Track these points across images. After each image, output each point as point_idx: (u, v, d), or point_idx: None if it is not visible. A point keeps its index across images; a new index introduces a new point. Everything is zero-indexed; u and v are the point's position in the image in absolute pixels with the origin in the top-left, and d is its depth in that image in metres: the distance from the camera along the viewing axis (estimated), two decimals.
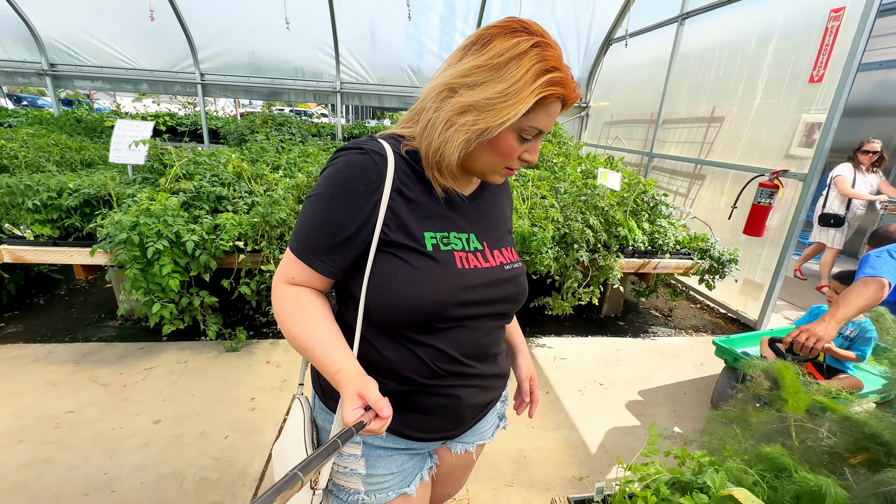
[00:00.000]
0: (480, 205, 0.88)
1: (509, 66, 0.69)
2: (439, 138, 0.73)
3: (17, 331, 2.90)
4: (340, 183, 0.74)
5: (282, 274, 0.80)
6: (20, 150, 3.56)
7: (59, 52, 5.84)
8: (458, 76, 0.71)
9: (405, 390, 0.82)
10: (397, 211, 0.76)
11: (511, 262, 0.88)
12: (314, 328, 0.76)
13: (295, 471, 0.51)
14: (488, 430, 1.03)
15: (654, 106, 5.04)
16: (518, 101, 0.68)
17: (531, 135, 0.75)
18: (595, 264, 2.94)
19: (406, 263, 0.76)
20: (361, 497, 0.86)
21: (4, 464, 1.87)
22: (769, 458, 0.93)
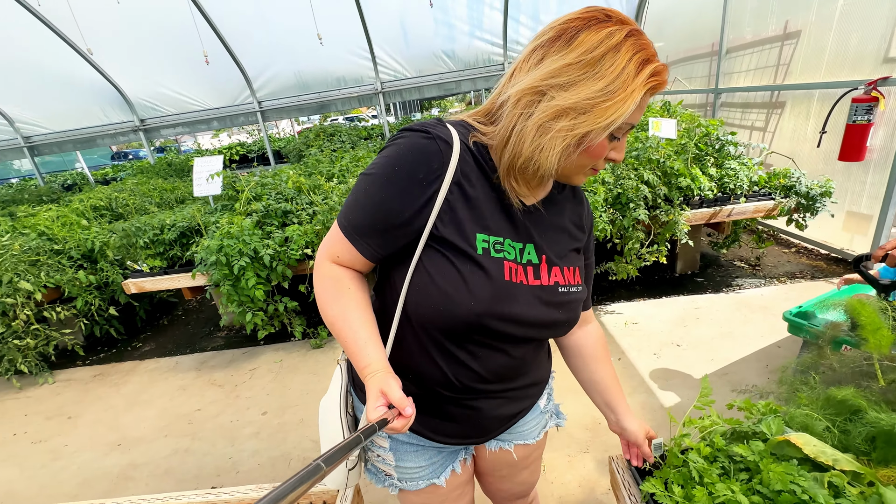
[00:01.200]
0: (545, 217, 0.79)
1: (605, 59, 0.61)
2: (531, 146, 0.65)
3: (151, 348, 3.49)
4: (400, 166, 0.69)
5: (327, 251, 0.77)
6: (129, 198, 4.21)
7: (146, 108, 6.73)
8: (546, 77, 0.63)
9: (426, 395, 0.81)
10: (454, 205, 0.71)
11: (568, 285, 0.79)
12: (350, 315, 0.74)
13: (318, 461, 0.52)
14: (530, 431, 0.98)
15: (714, 35, 4.52)
16: (624, 97, 0.61)
17: (623, 132, 0.68)
18: (657, 221, 2.77)
19: (451, 265, 0.71)
20: (394, 482, 0.91)
21: (157, 453, 2.30)
22: (840, 402, 0.87)
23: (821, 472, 0.77)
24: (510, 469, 1.01)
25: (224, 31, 5.76)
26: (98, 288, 3.25)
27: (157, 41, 5.68)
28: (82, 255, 3.29)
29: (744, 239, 3.73)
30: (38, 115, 6.83)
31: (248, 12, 5.60)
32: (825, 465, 0.77)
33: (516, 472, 1.03)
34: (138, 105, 6.69)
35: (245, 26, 5.77)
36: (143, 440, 2.42)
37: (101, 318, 3.31)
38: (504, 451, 0.97)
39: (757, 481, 0.78)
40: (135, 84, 6.42)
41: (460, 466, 0.94)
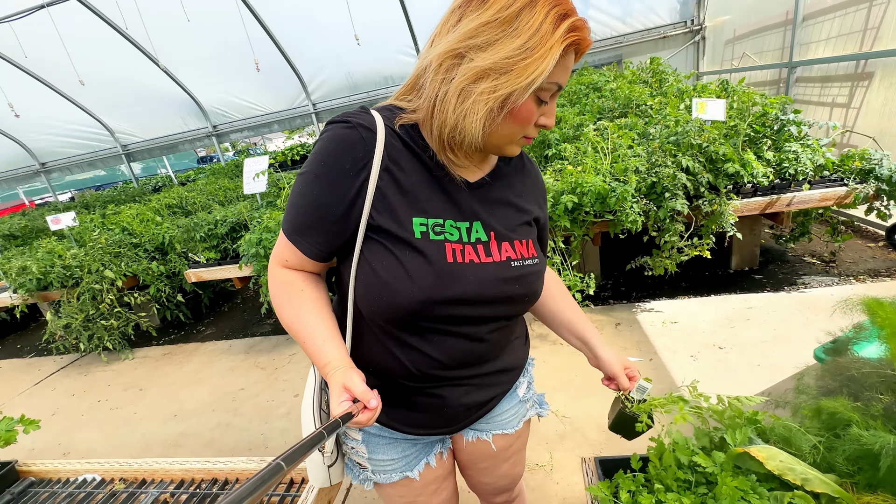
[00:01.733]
0: (492, 191, 0.77)
1: (521, 15, 0.59)
2: (455, 113, 0.63)
3: (212, 332, 3.87)
4: (326, 160, 0.68)
5: (275, 255, 0.77)
6: (197, 197, 4.69)
7: (217, 114, 7.42)
8: (464, 38, 0.61)
9: (389, 387, 0.80)
10: (385, 192, 0.69)
11: (521, 258, 0.76)
12: (306, 316, 0.73)
13: (278, 461, 0.52)
14: (508, 421, 0.95)
15: (788, 2, 4.00)
16: (543, 52, 0.59)
17: (550, 93, 0.66)
18: (699, 212, 2.54)
19: (389, 252, 0.69)
20: (368, 475, 0.89)
21: (204, 426, 2.57)
22: (831, 414, 0.75)
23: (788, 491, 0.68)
24: (491, 461, 0.99)
25: (280, 39, 6.16)
26: (168, 277, 3.67)
27: (222, 52, 6.23)
28: (155, 247, 3.73)
29: (816, 231, 3.29)
30: (131, 125, 7.81)
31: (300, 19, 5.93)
32: (793, 484, 0.67)
33: (497, 465, 1.01)
34: (211, 112, 7.39)
35: (298, 33, 6.13)
36: (194, 413, 2.71)
37: (170, 304, 3.74)
38: (482, 442, 0.94)
39: (711, 496, 0.71)
40: (207, 93, 7.09)
41: (435, 460, 0.93)
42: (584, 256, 3.07)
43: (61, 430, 2.78)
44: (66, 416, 2.94)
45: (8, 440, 1.29)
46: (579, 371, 2.40)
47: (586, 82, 4.41)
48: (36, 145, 8.21)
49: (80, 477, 1.32)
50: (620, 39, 6.02)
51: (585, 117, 3.38)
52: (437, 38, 0.66)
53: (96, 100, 7.14)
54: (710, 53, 5.73)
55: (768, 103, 2.71)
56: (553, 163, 3.01)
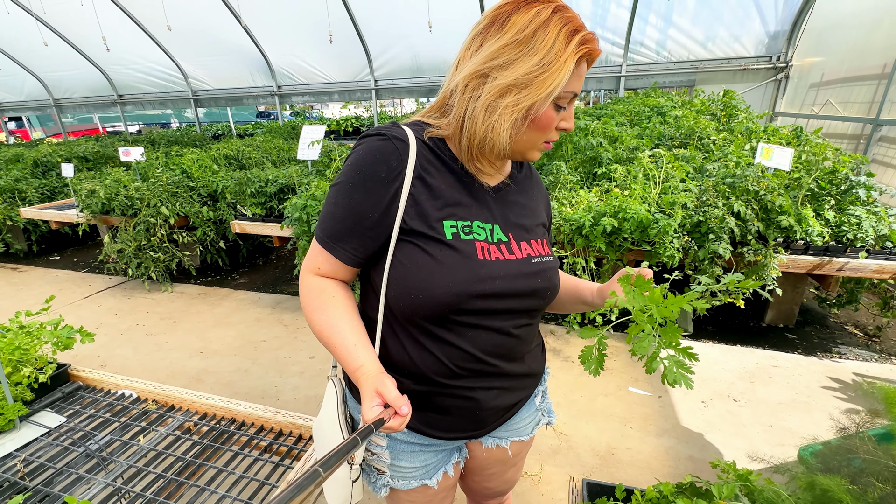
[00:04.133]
0: (508, 196, 0.84)
1: (537, 35, 0.67)
2: (484, 126, 0.70)
3: (245, 282, 4.10)
4: (362, 170, 0.74)
5: (308, 264, 0.80)
6: (253, 153, 4.92)
7: (283, 76, 7.69)
8: (487, 60, 0.69)
9: (423, 390, 0.82)
10: (418, 198, 0.74)
11: (540, 256, 0.83)
12: (337, 322, 0.76)
13: (316, 467, 0.52)
14: (525, 427, 0.98)
15: (888, 55, 3.74)
16: (559, 66, 0.66)
17: (567, 101, 0.73)
18: (742, 259, 2.46)
19: (424, 252, 0.73)
20: (387, 480, 0.91)
21: (225, 367, 2.76)
22: (823, 490, 0.77)
23: None
24: (501, 466, 1.02)
25: (357, 14, 6.29)
26: (215, 223, 3.90)
27: (300, 19, 6.43)
28: (208, 193, 3.97)
29: (865, 302, 3.12)
30: (204, 73, 8.21)
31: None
32: None
33: (505, 470, 1.04)
34: (278, 73, 7.67)
35: (375, 10, 6.23)
36: (218, 353, 2.91)
37: (212, 249, 3.98)
38: (500, 449, 0.97)
39: None
40: (277, 54, 7.36)
41: (453, 469, 0.95)
42: None
43: (101, 344, 3.06)
44: (107, 332, 3.22)
45: (67, 345, 1.46)
46: (585, 392, 2.42)
47: (651, 104, 4.30)
48: (117, 78, 8.79)
49: (120, 391, 1.48)
50: (697, 64, 5.78)
51: (643, 141, 3.32)
52: (462, 62, 0.74)
53: (178, 45, 7.56)
54: (791, 95, 5.42)
55: (841, 161, 2.58)
56: (601, 182, 2.98)
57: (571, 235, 2.57)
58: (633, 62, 6.06)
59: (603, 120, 3.70)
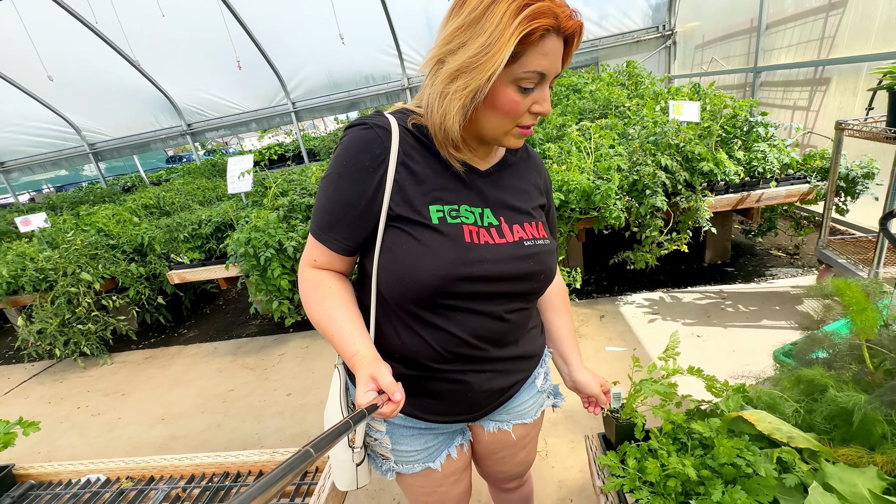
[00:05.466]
0: (501, 180, 0.83)
1: (486, 15, 0.62)
2: (438, 112, 0.70)
3: (194, 335, 3.79)
4: (346, 160, 0.74)
5: (305, 257, 0.82)
6: (175, 197, 4.57)
7: (192, 112, 7.22)
8: (443, 45, 0.68)
9: (415, 375, 0.82)
10: (402, 184, 0.74)
11: (533, 238, 0.81)
12: (333, 311, 0.77)
13: (307, 447, 0.53)
14: (528, 410, 0.97)
15: (753, 11, 4.24)
16: (499, 46, 0.62)
17: (533, 82, 0.67)
18: (677, 208, 2.68)
19: (410, 237, 0.74)
20: (391, 465, 0.92)
21: (194, 427, 2.53)
22: (809, 381, 0.85)
23: (777, 448, 0.76)
24: (509, 450, 1.02)
25: (259, 37, 6.06)
26: (147, 279, 3.57)
27: (199, 49, 6.09)
28: (134, 248, 3.63)
29: (781, 226, 3.51)
30: (100, 123, 7.51)
31: (280, 17, 5.86)
32: (780, 441, 0.76)
33: (515, 453, 1.04)
34: (185, 110, 7.19)
35: (278, 31, 6.05)
36: (183, 415, 2.66)
37: (150, 307, 3.64)
38: (503, 433, 0.97)
39: (710, 456, 0.79)
40: (181, 91, 6.90)
41: (456, 452, 0.95)
42: (568, 252, 3.18)
43: (40, 437, 2.68)
44: (43, 424, 2.80)
45: (7, 443, 1.26)
46: None
47: (566, 84, 4.55)
48: None
49: (84, 478, 1.30)
50: (596, 43, 6.21)
51: (567, 118, 3.50)
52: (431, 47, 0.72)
53: (62, 97, 6.84)
54: (681, 57, 5.99)
55: (738, 106, 2.88)
56: None
57: None
58: None
59: None
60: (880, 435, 0.71)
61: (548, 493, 1.74)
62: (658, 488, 0.79)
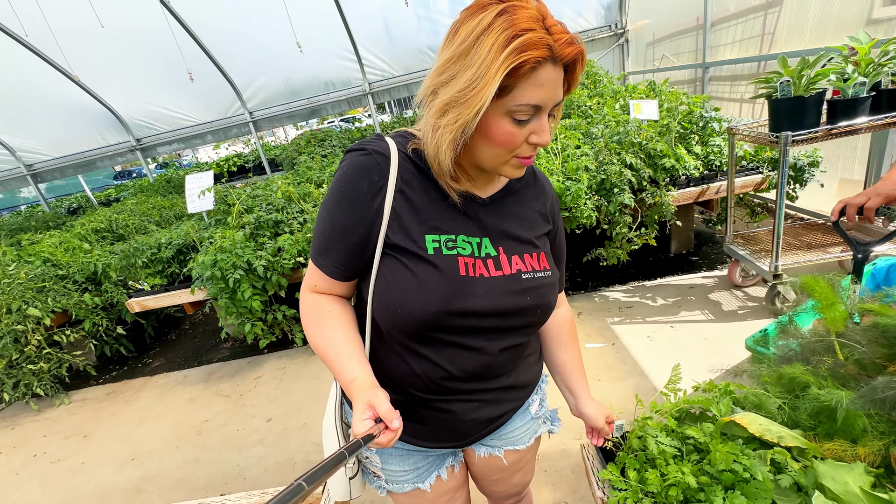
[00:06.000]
0: (503, 208, 0.80)
1: (475, 47, 0.61)
2: (432, 144, 0.69)
3: (160, 364, 3.59)
4: (345, 186, 0.73)
5: (306, 282, 0.82)
6: (129, 219, 4.31)
7: (140, 127, 6.83)
8: (435, 76, 0.66)
9: (401, 400, 0.81)
10: (399, 212, 0.73)
11: (532, 271, 0.79)
12: (332, 335, 0.76)
13: (300, 481, 0.52)
14: (520, 437, 0.96)
15: (698, 9, 4.45)
16: (486, 81, 0.60)
17: (528, 114, 0.65)
18: (644, 204, 2.77)
19: (404, 267, 0.73)
20: (382, 483, 0.92)
21: (168, 465, 2.39)
22: (791, 379, 0.89)
23: (768, 449, 0.79)
24: (503, 474, 1.01)
25: (210, 46, 5.80)
26: (104, 309, 3.34)
27: (145, 61, 5.75)
28: (86, 278, 3.38)
29: (738, 214, 3.70)
30: (38, 142, 6.96)
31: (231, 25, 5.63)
32: (771, 442, 0.79)
33: (509, 476, 1.03)
34: (133, 125, 6.79)
35: (230, 40, 5.80)
36: (154, 453, 2.51)
37: (109, 338, 3.41)
38: (494, 458, 0.96)
39: (706, 462, 0.81)
40: (128, 105, 6.50)
41: (447, 473, 0.94)
42: None
43: None
44: None
45: None
46: None
47: None
48: None
49: None
50: None
51: None
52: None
53: None
54: (634, 55, 6.21)
55: (693, 102, 3.01)
56: None
57: None
58: None
59: None
60: (861, 429, 0.75)
61: (542, 498, 1.75)
62: (660, 498, 0.80)
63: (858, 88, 1.96)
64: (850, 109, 2.00)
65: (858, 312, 1.03)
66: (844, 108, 2.01)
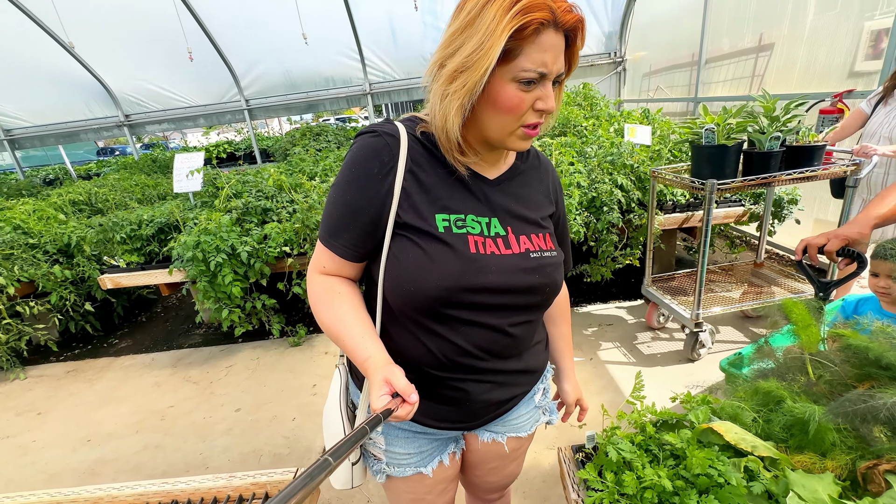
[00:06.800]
0: (510, 188, 0.82)
1: (480, 16, 0.63)
2: (440, 114, 0.70)
3: (127, 345, 3.46)
4: (355, 167, 0.74)
5: (314, 264, 0.81)
6: (109, 193, 4.18)
7: (131, 103, 6.67)
8: (442, 49, 0.69)
9: (413, 378, 0.79)
10: (409, 192, 0.74)
11: (540, 251, 0.80)
12: (344, 316, 0.76)
13: (326, 457, 0.52)
14: (523, 424, 0.98)
15: (694, 46, 4.64)
16: (491, 42, 0.62)
17: (532, 77, 0.66)
18: (631, 225, 2.83)
19: (416, 246, 0.74)
20: (383, 467, 0.91)
21: (127, 449, 2.29)
22: (766, 393, 0.92)
23: (742, 458, 0.81)
24: (500, 461, 1.02)
25: (211, 28, 5.75)
26: (74, 283, 3.22)
27: (143, 36, 5.65)
28: (58, 249, 3.26)
29: (718, 244, 3.83)
30: (19, 108, 6.73)
31: (236, 10, 5.60)
32: (745, 451, 0.81)
33: (505, 465, 1.04)
34: (123, 100, 6.63)
35: (233, 24, 5.76)
36: (113, 436, 2.40)
37: (76, 314, 3.28)
38: (496, 444, 0.97)
39: (682, 467, 0.82)
40: (120, 79, 6.36)
41: (448, 459, 0.95)
42: None
43: None
44: None
45: None
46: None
47: None
48: None
49: None
50: None
51: None
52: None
53: None
54: (630, 83, 6.41)
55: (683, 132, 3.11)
56: None
57: None
58: None
59: None
60: (831, 443, 0.77)
61: None
62: (635, 500, 0.81)
63: (773, 142, 2.02)
64: (764, 162, 2.05)
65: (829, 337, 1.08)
66: (760, 160, 2.06)
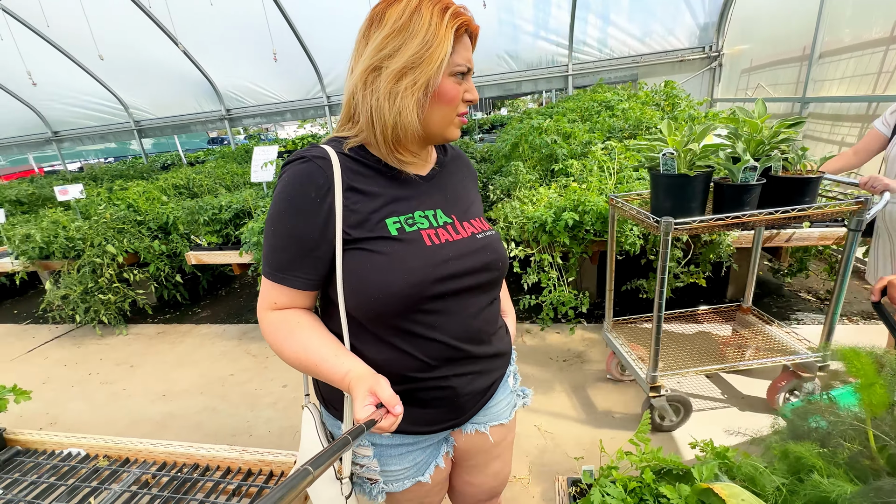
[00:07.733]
0: (442, 180, 0.88)
1: (413, 20, 0.71)
2: (391, 113, 0.72)
3: (207, 315, 3.91)
4: (292, 196, 0.74)
5: (263, 302, 0.79)
6: (204, 180, 4.73)
7: (231, 99, 7.47)
8: (375, 54, 0.72)
9: (400, 389, 0.79)
10: (353, 207, 0.75)
11: (483, 231, 0.87)
12: (309, 343, 0.75)
13: (306, 466, 0.51)
14: (503, 410, 0.99)
15: (806, 38, 4.02)
16: (440, 39, 0.71)
17: (463, 70, 0.77)
18: (698, 240, 2.55)
19: (374, 253, 0.74)
20: (381, 486, 0.91)
21: (192, 408, 2.60)
22: (796, 458, 0.78)
23: None
24: (484, 455, 1.01)
25: (300, 29, 6.21)
26: (169, 256, 3.70)
27: (240, 37, 6.28)
28: (158, 226, 3.77)
29: (813, 269, 3.31)
30: (146, 101, 7.87)
31: (323, 10, 5.97)
32: None
33: (490, 460, 1.03)
34: (226, 96, 7.44)
35: (319, 25, 6.17)
36: (183, 394, 2.74)
37: (168, 284, 3.77)
38: (480, 434, 0.97)
39: None
40: (223, 77, 7.15)
41: (443, 461, 0.96)
42: (580, 274, 3.09)
43: (50, 399, 2.82)
44: (56, 386, 2.97)
45: None
46: (564, 385, 2.42)
47: (599, 100, 4.44)
48: (50, 114, 8.28)
49: (66, 450, 1.35)
50: (637, 59, 6.05)
51: (595, 135, 3.41)
52: (354, 65, 0.77)
53: (113, 74, 7.21)
54: (726, 81, 5.75)
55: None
56: (559, 178, 3.03)
57: (536, 233, 2.58)
58: (578, 61, 6.26)
59: (555, 118, 3.78)
60: None
61: None
62: None
63: (748, 174, 1.58)
64: (737, 197, 1.62)
65: None
66: (732, 194, 1.62)
